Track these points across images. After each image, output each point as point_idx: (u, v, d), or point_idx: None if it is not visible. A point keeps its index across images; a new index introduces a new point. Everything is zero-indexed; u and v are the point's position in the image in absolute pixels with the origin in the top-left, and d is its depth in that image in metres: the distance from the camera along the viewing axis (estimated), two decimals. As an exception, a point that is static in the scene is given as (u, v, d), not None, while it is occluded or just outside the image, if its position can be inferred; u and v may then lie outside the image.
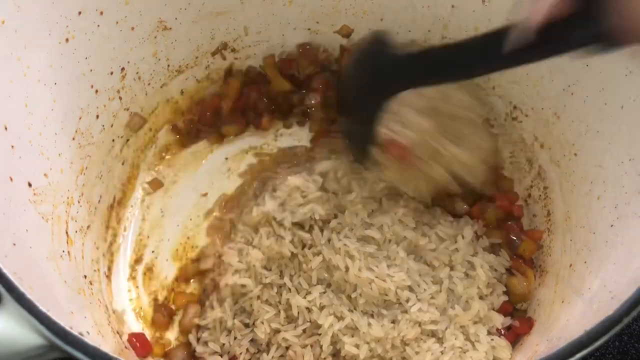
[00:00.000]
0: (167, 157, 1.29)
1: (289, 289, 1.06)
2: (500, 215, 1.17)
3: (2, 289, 0.69)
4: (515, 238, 1.15)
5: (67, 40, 0.97)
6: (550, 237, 1.12)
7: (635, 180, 0.92)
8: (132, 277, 1.18)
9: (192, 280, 1.18)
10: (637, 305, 0.71)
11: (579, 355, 0.68)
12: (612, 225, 0.94)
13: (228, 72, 1.31)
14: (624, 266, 0.85)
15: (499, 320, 1.06)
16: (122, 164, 1.21)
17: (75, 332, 0.69)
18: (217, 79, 1.31)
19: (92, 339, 0.72)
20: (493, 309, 1.07)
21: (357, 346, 0.99)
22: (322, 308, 1.03)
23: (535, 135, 1.17)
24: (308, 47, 1.31)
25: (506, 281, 1.11)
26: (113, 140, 1.16)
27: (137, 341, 1.08)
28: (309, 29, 1.28)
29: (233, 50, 1.28)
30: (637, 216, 0.89)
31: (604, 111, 0.99)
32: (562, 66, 1.06)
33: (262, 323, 1.04)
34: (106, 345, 0.93)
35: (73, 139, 1.03)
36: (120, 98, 1.14)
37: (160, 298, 1.17)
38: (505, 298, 1.09)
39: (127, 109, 1.17)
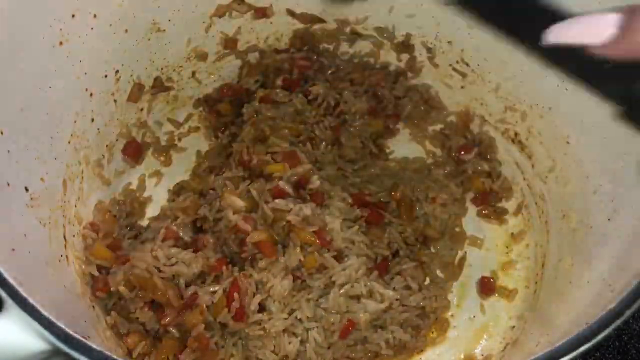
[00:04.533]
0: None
1: None
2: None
3: (5, 294, 0.68)
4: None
5: (60, 43, 0.97)
6: (548, 233, 1.13)
7: (631, 174, 0.92)
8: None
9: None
10: (637, 298, 0.71)
11: (581, 349, 0.68)
12: (609, 219, 0.94)
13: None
14: (623, 259, 0.86)
15: None
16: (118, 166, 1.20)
17: (78, 336, 0.68)
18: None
19: (94, 342, 0.72)
20: None
21: None
22: None
23: (530, 130, 1.18)
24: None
25: None
26: (107, 144, 1.15)
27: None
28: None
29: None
30: (634, 209, 0.90)
31: (599, 106, 1.00)
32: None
33: None
34: (107, 348, 0.92)
35: (69, 142, 1.03)
36: (114, 101, 1.13)
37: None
38: None
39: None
